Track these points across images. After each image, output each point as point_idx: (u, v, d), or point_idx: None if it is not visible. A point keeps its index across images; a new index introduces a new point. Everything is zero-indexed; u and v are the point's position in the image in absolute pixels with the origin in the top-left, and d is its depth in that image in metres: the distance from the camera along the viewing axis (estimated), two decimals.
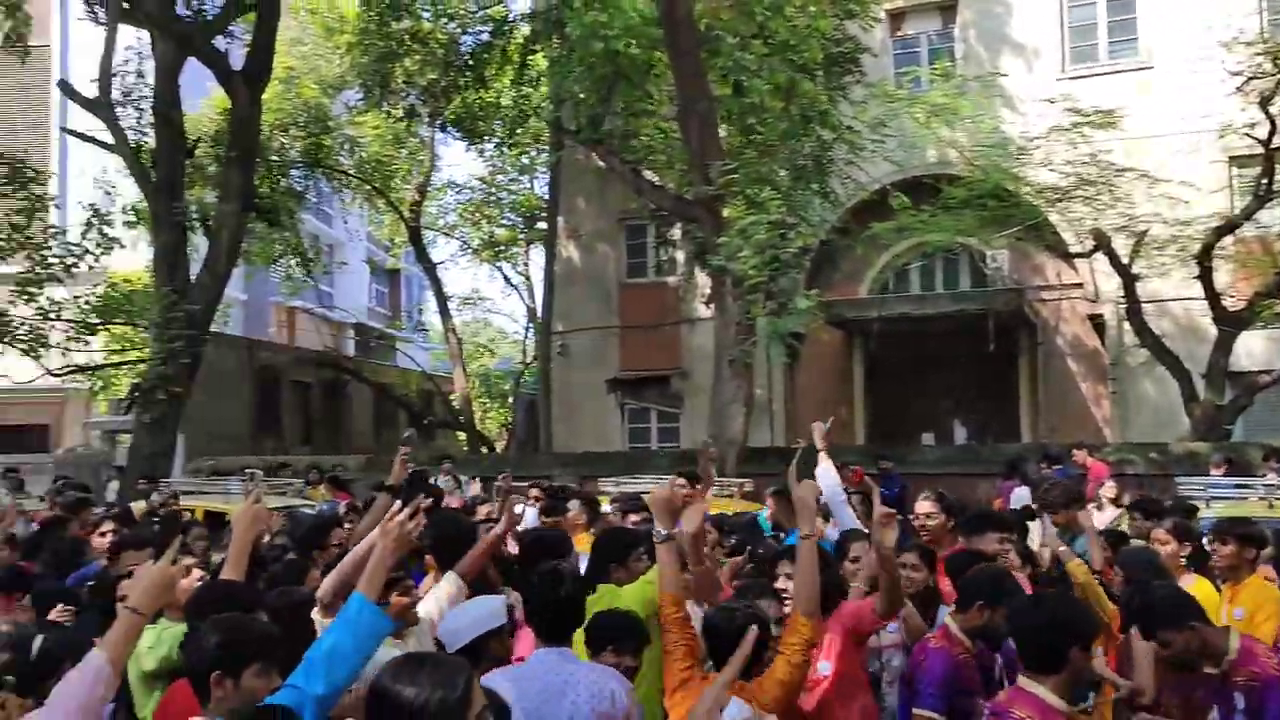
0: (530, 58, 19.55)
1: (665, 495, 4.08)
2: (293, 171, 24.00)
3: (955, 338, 17.46)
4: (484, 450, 26.95)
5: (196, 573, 4.41)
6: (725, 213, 13.46)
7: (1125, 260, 14.79)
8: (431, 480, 12.28)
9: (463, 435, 28.42)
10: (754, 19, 14.36)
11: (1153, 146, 15.79)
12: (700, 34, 13.83)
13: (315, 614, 3.82)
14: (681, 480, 6.94)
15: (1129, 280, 14.88)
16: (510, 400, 32.96)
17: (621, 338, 20.79)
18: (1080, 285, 18.03)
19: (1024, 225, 14.84)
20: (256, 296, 31.47)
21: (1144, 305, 15.21)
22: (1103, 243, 14.76)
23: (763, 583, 4.65)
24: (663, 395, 20.55)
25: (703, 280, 16.53)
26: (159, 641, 3.87)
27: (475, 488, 11.53)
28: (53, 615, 4.74)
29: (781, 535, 7.04)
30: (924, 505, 5.94)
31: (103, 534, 6.56)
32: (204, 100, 22.46)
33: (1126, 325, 16.01)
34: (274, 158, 22.56)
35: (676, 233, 19.55)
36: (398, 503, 3.59)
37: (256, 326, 31.32)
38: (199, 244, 17.80)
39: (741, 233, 12.56)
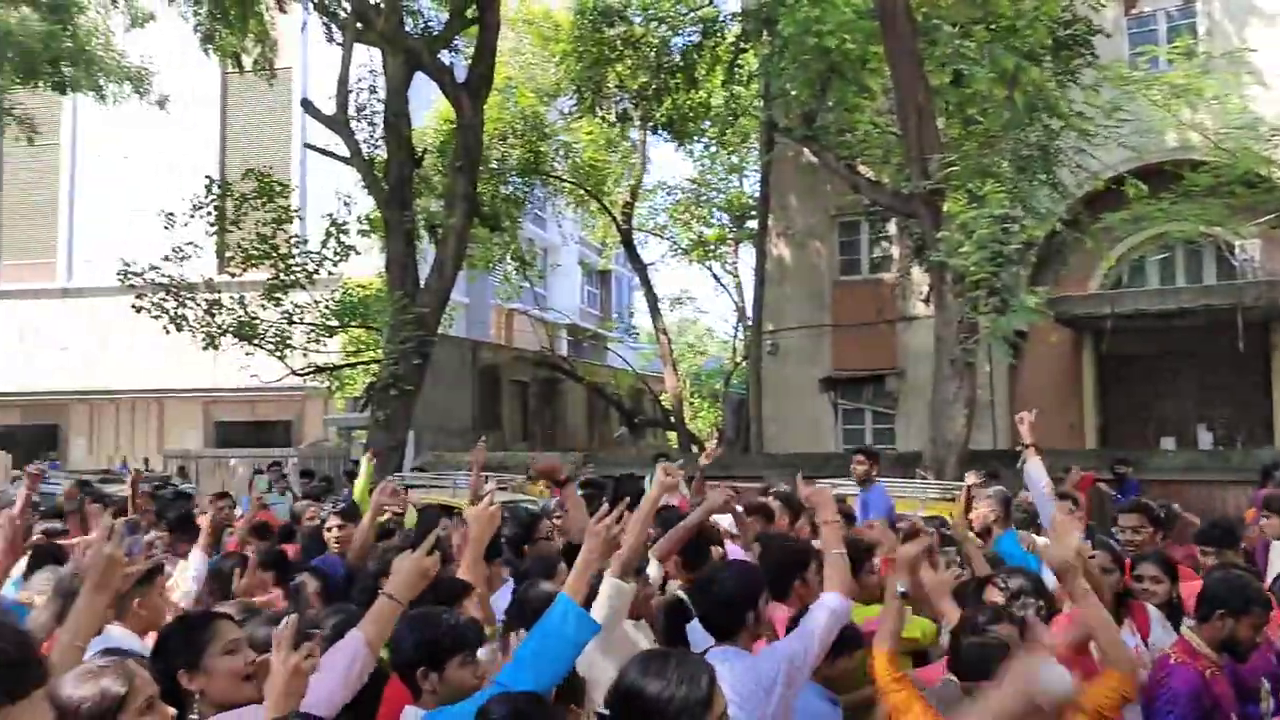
0: (741, 57, 19.51)
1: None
2: (511, 178, 24.84)
3: (1199, 334, 16.27)
4: (694, 449, 27.12)
5: None
6: (945, 207, 13.00)
7: None
8: (647, 479, 12.43)
9: (673, 434, 28.68)
10: (975, 5, 13.81)
11: None
12: (918, 24, 13.41)
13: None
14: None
15: None
16: (720, 400, 33.04)
17: (834, 336, 20.43)
18: None
19: (1278, 213, 13.66)
20: (477, 299, 32.80)
21: None
22: None
23: (1002, 609, 4.36)
24: (878, 395, 20.07)
25: (920, 277, 16.03)
26: None
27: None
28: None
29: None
30: (1129, 519, 5.63)
31: (328, 529, 6.55)
32: (428, 113, 23.57)
33: None
34: (494, 165, 23.43)
35: (892, 229, 19.06)
36: (605, 505, 3.65)
37: (477, 328, 32.66)
38: (427, 250, 18.68)
39: (963, 227, 12.10)
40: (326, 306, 17.79)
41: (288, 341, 17.29)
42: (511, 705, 2.63)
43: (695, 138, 24.19)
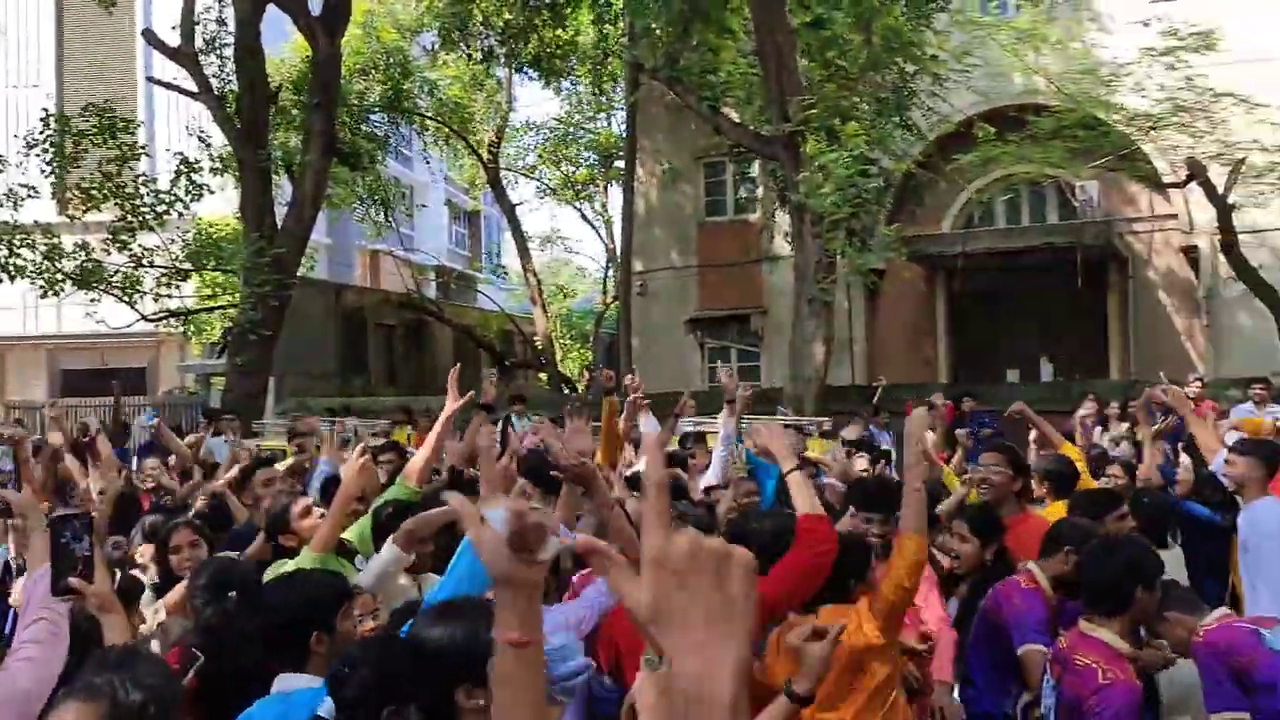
0: None
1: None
2: (373, 116, 24.19)
3: (1042, 272, 17.06)
4: (565, 391, 27.20)
5: (316, 511, 4.16)
6: (805, 148, 13.27)
7: (1221, 190, 14.24)
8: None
9: (544, 376, 28.69)
10: None
11: (1252, 70, 15.03)
12: None
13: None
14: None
15: (1225, 210, 14.33)
16: (591, 341, 33.11)
17: (701, 276, 20.73)
18: (1174, 216, 17.43)
19: (1115, 155, 14.38)
20: (341, 240, 31.96)
21: (1241, 236, 14.67)
22: (1198, 172, 14.22)
23: None
24: (743, 334, 20.48)
25: (783, 217, 16.36)
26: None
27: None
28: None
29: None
30: (989, 457, 5.21)
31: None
32: (286, 44, 22.68)
33: (1221, 257, 15.47)
34: (354, 102, 22.74)
35: (756, 169, 19.33)
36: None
37: (341, 270, 31.87)
38: (284, 189, 18.11)
39: (821, 169, 12.39)
40: (179, 249, 17.13)
41: (137, 286, 16.63)
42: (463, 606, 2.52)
43: (563, 76, 23.94)
